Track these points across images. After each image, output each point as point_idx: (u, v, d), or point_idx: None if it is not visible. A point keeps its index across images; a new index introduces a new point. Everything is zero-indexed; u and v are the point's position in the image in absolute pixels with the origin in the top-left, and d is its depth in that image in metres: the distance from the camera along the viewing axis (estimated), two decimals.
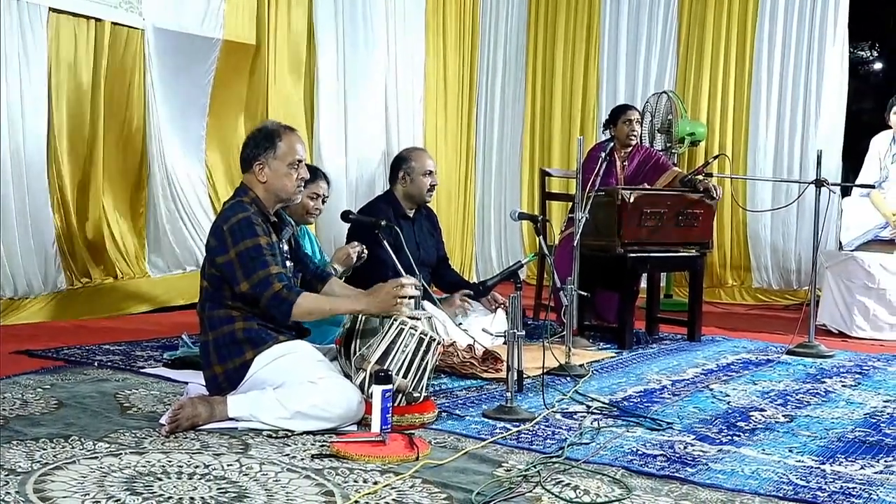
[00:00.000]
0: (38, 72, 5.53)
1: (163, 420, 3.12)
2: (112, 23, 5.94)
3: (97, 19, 5.85)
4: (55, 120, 5.69)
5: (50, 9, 5.55)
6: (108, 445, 2.91)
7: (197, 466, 2.74)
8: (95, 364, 4.21)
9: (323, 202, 4.59)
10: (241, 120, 6.81)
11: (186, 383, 3.71)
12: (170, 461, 2.77)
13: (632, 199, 5.33)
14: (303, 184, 3.49)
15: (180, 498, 2.46)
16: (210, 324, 3.37)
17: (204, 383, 3.45)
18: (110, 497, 2.44)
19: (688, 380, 4.59)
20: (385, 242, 4.34)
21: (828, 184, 5.72)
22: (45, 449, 2.83)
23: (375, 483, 2.67)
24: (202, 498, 2.47)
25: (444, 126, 8.82)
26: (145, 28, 6.13)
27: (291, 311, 3.27)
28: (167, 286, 6.18)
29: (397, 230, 4.54)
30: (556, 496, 2.65)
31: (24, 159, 5.48)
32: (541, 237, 4.73)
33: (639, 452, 3.18)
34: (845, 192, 7.14)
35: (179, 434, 3.07)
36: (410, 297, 3.39)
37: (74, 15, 5.71)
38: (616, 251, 5.37)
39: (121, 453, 2.83)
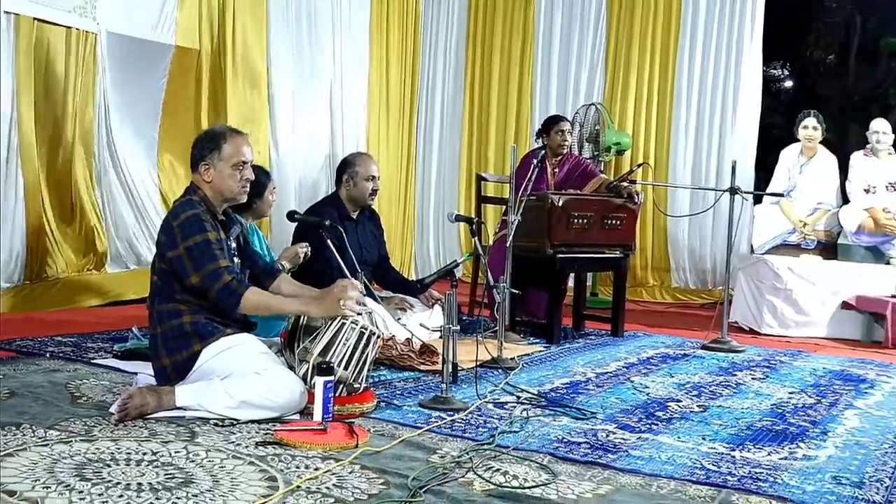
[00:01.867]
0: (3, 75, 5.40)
1: (112, 409, 3.06)
2: (66, 27, 5.81)
3: (52, 23, 5.71)
4: (12, 121, 5.54)
5: (5, 12, 5.42)
6: (58, 433, 2.85)
7: (145, 453, 2.70)
8: (47, 355, 4.12)
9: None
10: (192, 123, 6.70)
11: (136, 374, 3.66)
12: (119, 448, 2.73)
13: (560, 203, 5.37)
14: (248, 184, 3.44)
15: (128, 484, 2.42)
16: (159, 317, 3.32)
17: (153, 374, 3.40)
18: (60, 483, 2.39)
19: (611, 372, 4.64)
20: (329, 242, 4.32)
21: (741, 192, 5.82)
22: None
23: (317, 469, 2.66)
24: (150, 484, 2.44)
25: (386, 132, 8.80)
26: (99, 32, 6.01)
27: (240, 303, 3.24)
28: (119, 281, 6.06)
29: (341, 231, 4.53)
30: (487, 481, 2.66)
31: None
32: (476, 238, 4.74)
33: (564, 440, 3.21)
34: (757, 199, 7.29)
35: (128, 422, 3.02)
36: (355, 307, 3.37)
37: (32, 19, 5.57)
38: (546, 252, 5.40)
39: (71, 441, 2.77)
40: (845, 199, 7.12)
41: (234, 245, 3.52)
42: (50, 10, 5.68)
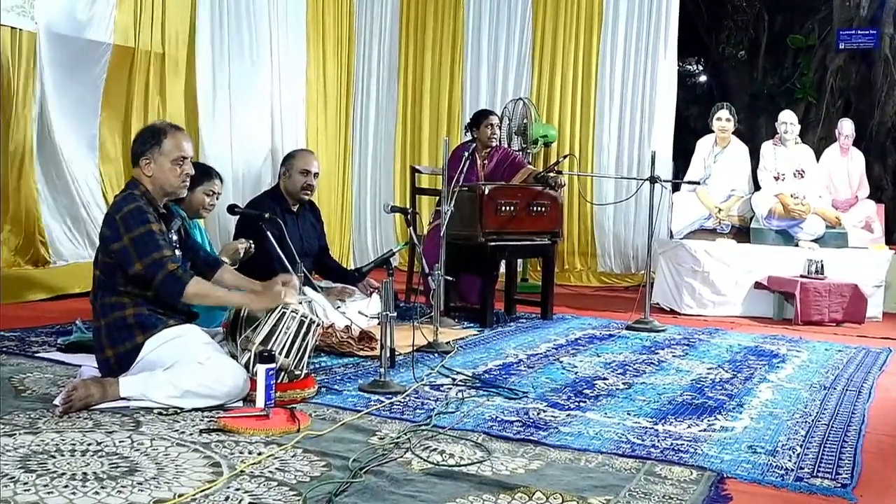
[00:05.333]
0: None
1: (57, 401, 2.99)
2: (4, 25, 5.62)
3: None
4: None
5: None
6: (2, 426, 2.76)
7: (90, 444, 2.63)
8: None
9: (217, 198, 4.47)
10: (131, 119, 6.56)
11: (80, 366, 3.57)
12: (63, 440, 2.66)
13: (487, 192, 5.39)
14: (188, 179, 3.38)
15: (74, 474, 2.36)
16: (102, 310, 3.25)
17: (96, 366, 3.33)
18: (4, 475, 2.32)
19: (541, 354, 4.67)
20: (269, 234, 4.27)
21: (660, 180, 5.90)
22: None
23: (260, 454, 2.63)
24: (95, 473, 2.38)
25: (324, 126, 8.72)
26: (38, 31, 5.83)
27: (184, 292, 3.19)
28: (63, 275, 5.90)
29: (281, 223, 4.48)
30: (425, 460, 2.66)
31: None
32: (411, 228, 4.73)
33: (498, 419, 3.22)
34: (675, 187, 7.39)
35: (73, 414, 2.95)
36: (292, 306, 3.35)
37: None
38: (478, 240, 5.41)
39: (15, 433, 2.69)
40: (757, 186, 7.26)
41: (175, 237, 3.45)
42: None
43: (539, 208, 5.70)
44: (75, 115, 6.21)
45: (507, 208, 5.50)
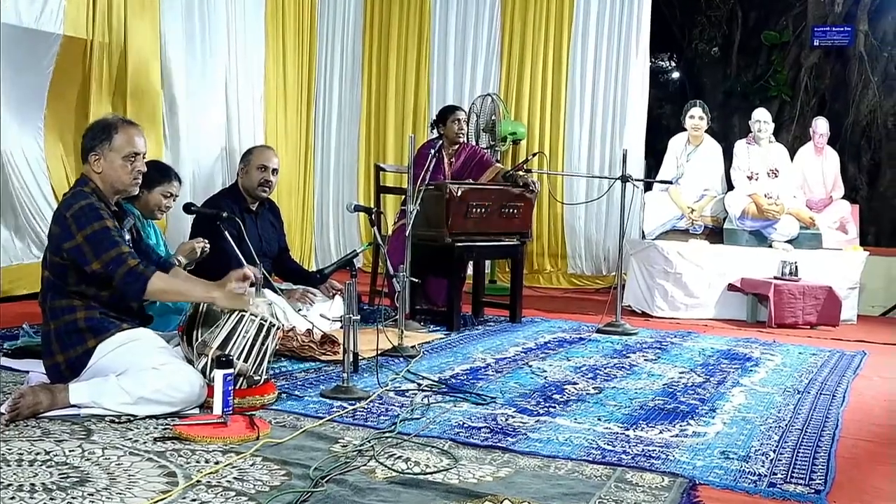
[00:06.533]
0: None
1: (3, 409, 2.95)
2: None
3: None
4: None
5: None
6: None
7: (38, 454, 2.60)
8: None
9: (174, 200, 4.44)
10: (80, 114, 6.47)
11: (27, 372, 3.53)
12: (10, 449, 2.62)
13: (459, 193, 5.40)
14: (140, 176, 3.35)
15: (21, 485, 2.34)
16: (52, 313, 3.21)
17: (45, 372, 3.29)
18: None
19: (509, 358, 4.69)
20: (227, 234, 4.25)
21: (632, 179, 5.95)
22: None
23: (217, 463, 2.62)
24: (43, 484, 2.36)
25: (283, 123, 8.68)
26: None
27: (146, 287, 3.15)
28: (8, 276, 5.83)
29: (239, 222, 4.46)
30: (389, 468, 2.66)
31: None
32: (375, 228, 4.73)
33: (465, 425, 3.23)
34: (647, 187, 7.45)
35: (20, 422, 2.91)
36: (251, 285, 3.34)
37: None
38: (444, 241, 5.42)
39: None
40: (730, 186, 7.36)
41: (128, 237, 3.42)
42: None
43: (511, 210, 5.72)
44: (20, 107, 6.11)
45: (479, 210, 5.52)
